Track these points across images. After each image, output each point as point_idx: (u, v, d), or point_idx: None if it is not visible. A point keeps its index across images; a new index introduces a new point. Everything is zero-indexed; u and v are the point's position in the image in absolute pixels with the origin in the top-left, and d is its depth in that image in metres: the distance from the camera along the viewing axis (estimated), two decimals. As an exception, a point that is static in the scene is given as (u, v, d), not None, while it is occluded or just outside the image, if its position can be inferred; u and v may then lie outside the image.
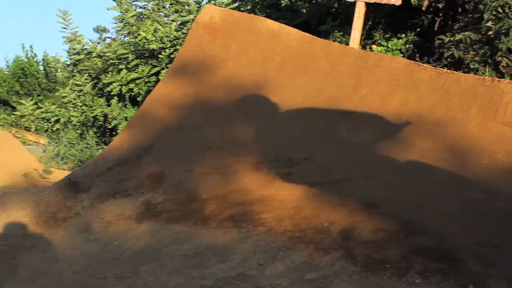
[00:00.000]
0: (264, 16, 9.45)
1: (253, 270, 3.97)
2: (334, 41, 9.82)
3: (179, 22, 14.25)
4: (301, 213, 4.41)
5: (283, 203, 4.57)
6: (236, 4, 13.31)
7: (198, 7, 13.98)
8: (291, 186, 4.71)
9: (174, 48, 13.54)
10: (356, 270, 3.75)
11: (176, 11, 14.47)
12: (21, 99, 24.76)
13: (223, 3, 13.62)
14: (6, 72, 35.57)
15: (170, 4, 14.64)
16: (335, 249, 3.98)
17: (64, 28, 15.62)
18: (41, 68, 35.32)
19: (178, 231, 4.58)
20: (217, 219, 4.61)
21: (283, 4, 11.83)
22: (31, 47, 36.20)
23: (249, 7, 12.68)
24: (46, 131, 17.37)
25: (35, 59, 35.64)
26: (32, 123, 16.69)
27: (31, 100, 17.84)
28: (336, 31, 10.68)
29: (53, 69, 33.41)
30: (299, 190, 4.64)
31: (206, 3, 13.92)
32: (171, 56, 13.45)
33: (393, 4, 8.08)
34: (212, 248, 4.28)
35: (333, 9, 11.29)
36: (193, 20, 12.25)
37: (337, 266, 3.83)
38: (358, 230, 4.10)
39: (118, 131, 13.42)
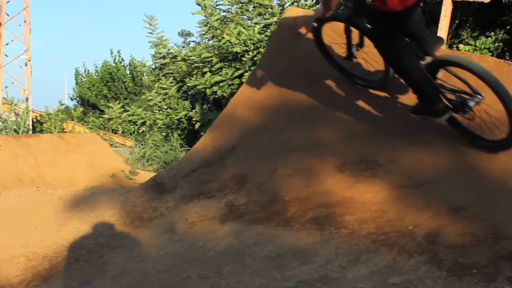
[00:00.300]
0: (347, 17, 9.36)
1: (336, 272, 3.93)
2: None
3: (262, 25, 14.34)
4: (385, 216, 4.34)
5: (366, 205, 4.51)
6: (319, 6, 13.26)
7: (281, 10, 14.02)
8: (375, 188, 4.64)
9: (257, 50, 13.64)
10: (441, 275, 3.67)
11: (259, 14, 14.56)
12: (109, 102, 25.50)
13: (306, 4, 13.62)
14: (95, 77, 36.76)
15: (253, 7, 14.75)
16: (420, 253, 3.90)
17: (150, 33, 16.02)
18: (128, 72, 36.30)
19: (261, 233, 4.60)
20: (300, 221, 4.60)
21: (366, 5, 11.70)
22: (118, 52, 37.30)
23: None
24: (132, 133, 17.84)
25: (122, 64, 36.68)
26: (119, 126, 17.19)
27: (119, 103, 18.34)
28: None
29: (139, 73, 34.29)
30: (382, 193, 4.58)
31: (289, 5, 13.93)
32: (255, 58, 13.55)
33: (482, 2, 7.85)
34: (294, 250, 4.28)
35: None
36: (276, 22, 12.31)
37: (422, 271, 3.75)
38: (443, 234, 4.01)
39: (201, 133, 13.62)
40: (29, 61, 27.51)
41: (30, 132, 18.97)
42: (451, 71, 4.59)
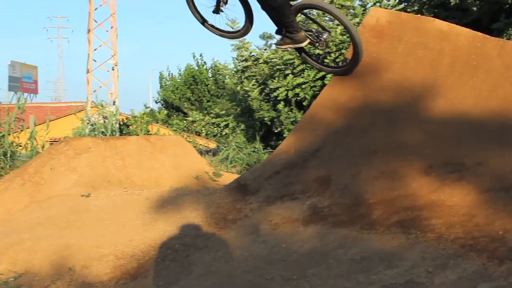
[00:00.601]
0: (432, 16, 9.19)
1: (422, 277, 3.86)
2: (508, 39, 9.34)
3: (344, 26, 14.22)
4: (473, 220, 4.23)
5: (454, 209, 4.41)
6: (403, 5, 13.04)
7: (363, 10, 13.88)
8: (462, 191, 4.53)
9: (339, 52, 13.53)
10: (535, 282, 3.54)
11: (341, 15, 14.44)
12: (192, 105, 25.91)
13: (389, 5, 13.44)
14: (179, 80, 37.46)
15: (335, 9, 14.64)
16: (511, 259, 3.78)
17: (232, 36, 16.13)
18: (210, 75, 36.81)
19: (345, 235, 4.57)
20: (385, 224, 4.54)
21: (452, 3, 11.45)
22: (201, 55, 37.74)
23: (416, 8, 12.39)
24: (215, 135, 18.04)
25: (204, 67, 37.23)
26: (202, 128, 17.40)
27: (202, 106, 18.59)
28: (510, 29, 10.16)
29: (221, 76, 34.72)
30: (471, 196, 4.46)
31: (372, 6, 13.76)
32: (337, 60, 13.45)
33: None
34: (379, 253, 4.23)
35: (507, 5, 10.75)
36: (358, 23, 12.17)
37: (514, 277, 3.63)
38: (536, 239, 3.87)
39: (284, 135, 13.63)
40: (116, 65, 28.28)
41: (117, 134, 19.49)
42: (307, 13, 6.01)
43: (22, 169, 7.65)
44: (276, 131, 14.80)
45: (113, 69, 28.37)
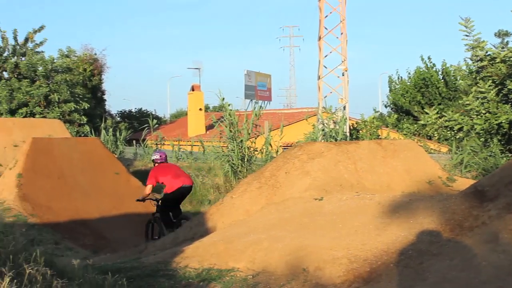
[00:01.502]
0: None
1: None
2: None
3: None
4: None
5: None
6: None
7: None
8: None
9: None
10: None
11: None
12: (422, 108, 25.42)
13: None
14: (408, 83, 37.03)
15: None
16: None
17: (466, 35, 15.56)
18: (440, 77, 35.93)
19: None
20: None
21: None
22: (429, 58, 36.91)
23: None
24: (447, 139, 17.48)
25: (434, 69, 36.40)
26: (435, 132, 16.96)
27: (434, 109, 18.15)
28: None
29: (452, 78, 33.71)
30: None
31: None
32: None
33: None
34: None
35: None
36: None
37: None
38: None
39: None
40: (346, 71, 28.65)
41: (348, 138, 19.72)
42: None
43: (259, 172, 8.04)
44: (517, 134, 13.94)
45: (343, 75, 28.79)
